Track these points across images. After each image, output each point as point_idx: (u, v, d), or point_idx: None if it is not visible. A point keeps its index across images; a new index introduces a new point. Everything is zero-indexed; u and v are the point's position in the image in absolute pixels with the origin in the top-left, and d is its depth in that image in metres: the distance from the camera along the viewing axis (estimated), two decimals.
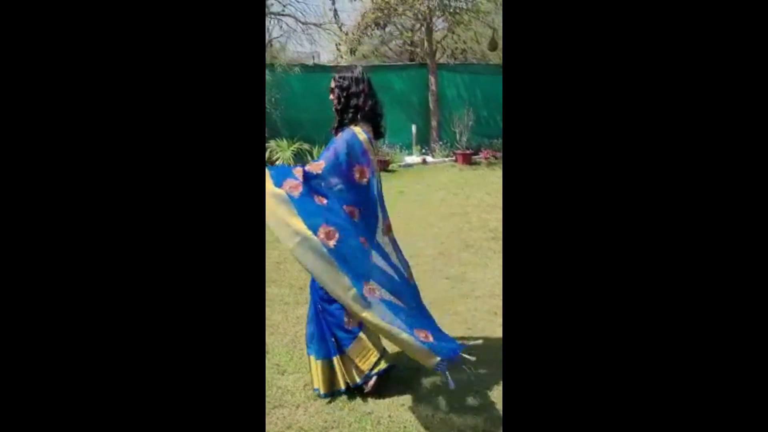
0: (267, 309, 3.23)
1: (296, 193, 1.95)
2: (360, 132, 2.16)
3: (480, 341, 2.74)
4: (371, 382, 2.28)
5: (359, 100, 2.18)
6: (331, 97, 2.25)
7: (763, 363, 0.98)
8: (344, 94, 2.19)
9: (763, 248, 0.99)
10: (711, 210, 1.02)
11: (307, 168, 2.05)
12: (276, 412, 2.22)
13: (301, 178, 2.00)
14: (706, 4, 1.03)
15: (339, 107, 2.22)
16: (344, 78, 2.22)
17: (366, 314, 1.90)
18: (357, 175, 2.11)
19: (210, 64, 1.12)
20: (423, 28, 10.61)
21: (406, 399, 2.29)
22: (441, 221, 5.44)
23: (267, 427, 2.12)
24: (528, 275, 1.11)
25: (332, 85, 2.25)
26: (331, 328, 2.25)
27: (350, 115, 2.19)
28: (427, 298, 3.43)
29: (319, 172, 2.05)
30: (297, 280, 3.79)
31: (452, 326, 3.00)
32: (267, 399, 2.31)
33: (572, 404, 1.06)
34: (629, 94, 1.07)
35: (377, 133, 2.27)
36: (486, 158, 9.34)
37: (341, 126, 2.22)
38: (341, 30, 11.04)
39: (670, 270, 1.03)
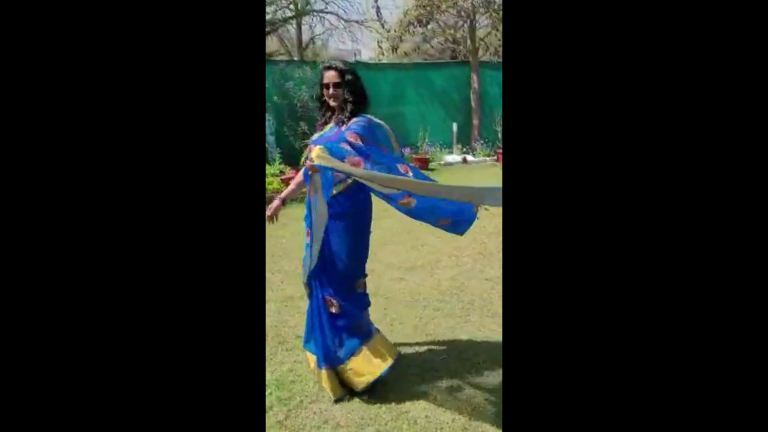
0: (307, 304, 3.26)
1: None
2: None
3: None
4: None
5: (363, 93, 2.22)
6: (337, 90, 2.19)
7: (763, 363, 0.97)
8: (356, 87, 2.20)
9: (763, 248, 0.98)
10: (712, 209, 1.01)
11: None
12: (313, 407, 2.23)
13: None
14: (707, 2, 1.02)
15: (351, 99, 2.19)
16: (352, 72, 2.21)
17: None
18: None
19: (209, 60, 1.11)
20: (466, 26, 10.50)
21: (444, 400, 2.26)
22: (482, 221, 5.33)
23: (304, 422, 2.13)
24: (528, 276, 1.11)
25: (342, 78, 2.19)
26: (337, 333, 2.27)
27: (361, 107, 2.21)
28: (467, 298, 3.40)
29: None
30: None
31: (492, 327, 2.95)
32: (305, 394, 2.32)
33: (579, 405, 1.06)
34: (627, 94, 1.06)
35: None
36: None
37: (354, 115, 2.19)
38: (383, 27, 11.04)
39: (672, 268, 1.03)
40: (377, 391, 2.30)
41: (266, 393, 2.31)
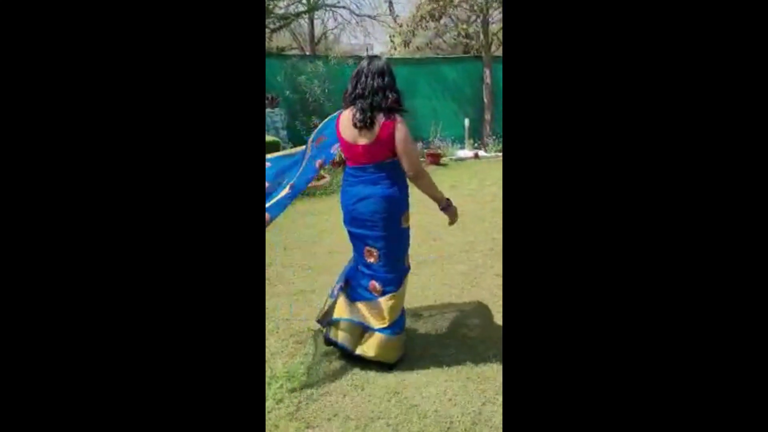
0: (318, 297, 3.27)
1: None
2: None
3: None
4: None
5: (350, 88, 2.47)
6: None
7: (763, 363, 0.97)
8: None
9: (763, 248, 0.98)
10: (714, 207, 1.01)
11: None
12: (324, 400, 2.24)
13: None
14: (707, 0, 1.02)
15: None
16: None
17: None
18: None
19: (209, 57, 1.11)
20: (479, 20, 10.42)
21: (453, 394, 2.27)
22: (493, 217, 5.34)
23: (315, 414, 2.15)
24: (528, 273, 1.11)
25: None
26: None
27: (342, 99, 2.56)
28: (476, 294, 3.40)
29: None
30: None
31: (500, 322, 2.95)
32: (316, 386, 2.34)
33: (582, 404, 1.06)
34: (628, 92, 1.05)
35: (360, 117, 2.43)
36: None
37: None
38: (396, 22, 11.00)
39: (672, 267, 1.03)
40: (387, 384, 2.32)
41: (277, 385, 2.34)
